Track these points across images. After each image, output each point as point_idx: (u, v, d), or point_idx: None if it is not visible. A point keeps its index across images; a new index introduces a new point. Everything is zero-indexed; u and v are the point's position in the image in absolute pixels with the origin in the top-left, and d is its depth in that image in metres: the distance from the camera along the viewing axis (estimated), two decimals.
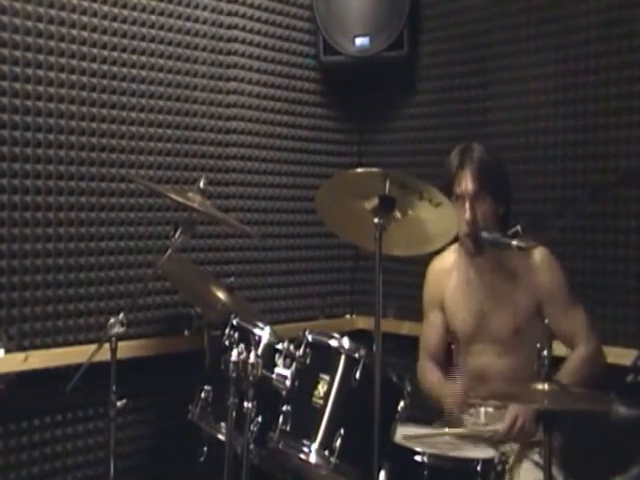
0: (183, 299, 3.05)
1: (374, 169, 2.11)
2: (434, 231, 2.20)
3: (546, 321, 2.19)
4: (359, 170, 2.25)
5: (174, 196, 2.62)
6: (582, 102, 2.96)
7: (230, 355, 2.23)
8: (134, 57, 2.92)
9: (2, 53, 2.58)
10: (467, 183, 2.50)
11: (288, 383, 2.24)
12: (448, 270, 2.73)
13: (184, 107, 3.08)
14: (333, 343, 2.24)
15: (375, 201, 2.09)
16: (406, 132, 3.60)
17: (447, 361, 2.80)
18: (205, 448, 2.59)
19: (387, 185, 2.05)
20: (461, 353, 2.73)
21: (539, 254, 2.56)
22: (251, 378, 2.20)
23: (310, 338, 2.28)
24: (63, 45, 2.72)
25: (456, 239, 2.50)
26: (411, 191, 2.07)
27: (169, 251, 2.49)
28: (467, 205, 2.49)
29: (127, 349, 2.71)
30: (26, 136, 2.64)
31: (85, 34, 2.78)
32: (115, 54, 2.86)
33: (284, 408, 2.22)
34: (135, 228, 2.93)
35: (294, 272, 3.51)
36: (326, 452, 2.11)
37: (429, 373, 2.75)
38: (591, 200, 2.90)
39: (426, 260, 2.74)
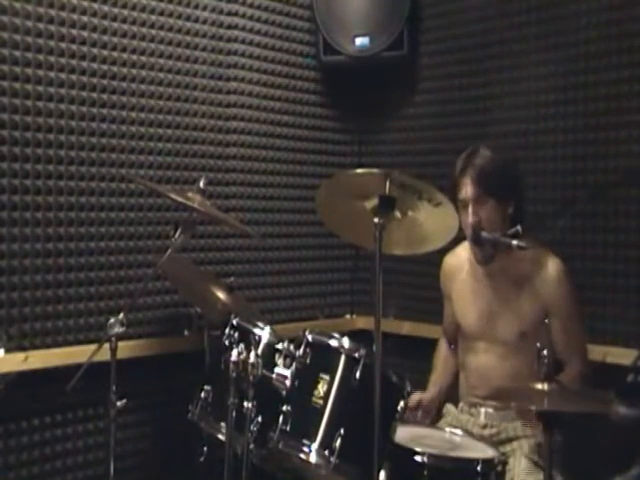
0: (183, 299, 3.06)
1: (374, 169, 2.13)
2: (434, 231, 2.22)
3: (546, 320, 2.18)
4: (359, 170, 2.27)
5: (174, 196, 2.62)
6: (582, 102, 2.96)
7: (230, 355, 2.23)
8: (134, 57, 2.92)
9: (2, 53, 2.58)
10: (467, 189, 2.51)
11: (288, 383, 2.24)
12: (458, 266, 2.77)
13: (184, 107, 3.08)
14: (333, 343, 2.25)
15: (375, 201, 2.10)
16: (406, 132, 3.59)
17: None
18: (205, 448, 2.60)
19: (387, 185, 2.06)
20: (465, 350, 2.73)
21: (554, 266, 2.55)
22: (251, 378, 2.20)
23: (310, 338, 2.28)
24: (63, 45, 2.72)
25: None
26: (411, 191, 2.09)
27: (169, 251, 2.49)
28: (470, 210, 2.50)
29: (127, 349, 2.72)
30: (26, 136, 2.64)
31: (85, 34, 2.78)
32: (115, 54, 2.86)
33: (284, 408, 2.22)
34: (135, 228, 2.93)
35: (294, 272, 3.51)
36: (326, 452, 2.11)
37: (439, 347, 2.95)
38: (591, 200, 2.90)
39: (426, 260, 2.74)
